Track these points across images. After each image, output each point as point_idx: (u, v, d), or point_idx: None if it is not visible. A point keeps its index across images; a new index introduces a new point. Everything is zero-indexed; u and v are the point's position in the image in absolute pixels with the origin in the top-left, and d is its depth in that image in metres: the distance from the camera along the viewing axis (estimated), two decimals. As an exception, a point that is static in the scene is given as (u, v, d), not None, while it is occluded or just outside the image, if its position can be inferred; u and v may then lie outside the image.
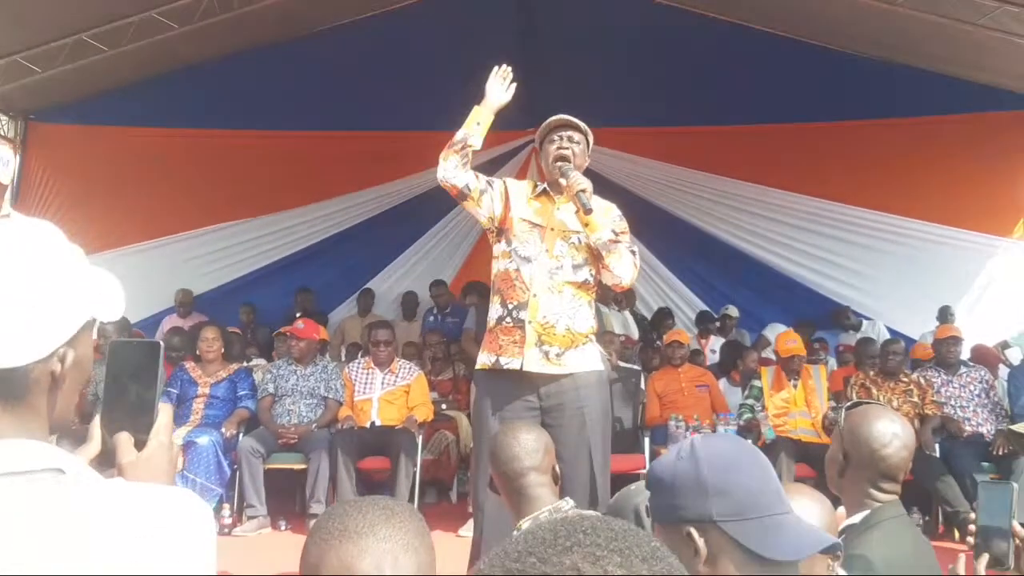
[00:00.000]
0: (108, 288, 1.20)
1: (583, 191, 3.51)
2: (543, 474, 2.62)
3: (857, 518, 2.30)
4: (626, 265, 3.57)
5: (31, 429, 1.08)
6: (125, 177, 9.17)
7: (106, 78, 8.54)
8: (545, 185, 3.75)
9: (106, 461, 1.24)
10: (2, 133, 9.25)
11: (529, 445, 2.63)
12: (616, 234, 3.59)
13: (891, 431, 2.32)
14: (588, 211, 3.51)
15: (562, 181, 3.62)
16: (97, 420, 1.27)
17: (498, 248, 3.72)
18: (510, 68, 3.76)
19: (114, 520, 0.99)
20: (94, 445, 1.26)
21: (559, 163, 3.65)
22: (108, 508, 1.01)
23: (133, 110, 9.00)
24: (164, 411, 1.29)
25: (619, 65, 8.71)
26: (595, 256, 3.63)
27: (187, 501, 1.08)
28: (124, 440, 1.24)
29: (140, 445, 1.24)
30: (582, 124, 3.75)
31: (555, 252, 3.61)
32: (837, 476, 2.39)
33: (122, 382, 1.29)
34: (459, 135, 3.67)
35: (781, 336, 6.80)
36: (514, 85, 3.74)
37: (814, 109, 8.86)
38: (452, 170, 3.64)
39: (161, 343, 1.34)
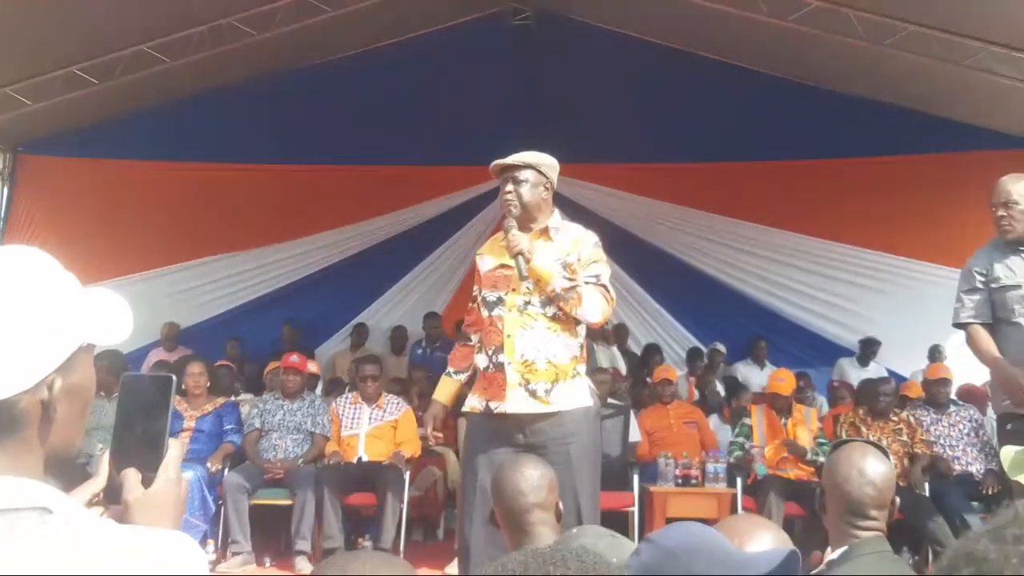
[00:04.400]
0: (110, 311, 1.16)
1: (520, 254, 3.47)
2: (546, 511, 2.60)
3: (836, 553, 2.28)
4: (590, 307, 3.49)
5: (20, 465, 1.03)
6: (113, 210, 9.16)
7: (96, 111, 8.55)
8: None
9: (113, 497, 1.21)
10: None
11: (534, 481, 2.60)
12: (569, 278, 3.50)
13: (857, 467, 2.32)
14: (523, 278, 3.49)
15: (503, 244, 3.62)
16: (106, 455, 1.24)
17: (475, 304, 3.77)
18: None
19: (99, 564, 0.95)
20: (100, 480, 1.23)
21: (505, 219, 3.62)
22: (94, 551, 0.97)
23: (122, 143, 9.00)
24: (174, 446, 1.25)
25: (617, 103, 8.77)
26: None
27: (181, 546, 1.05)
28: (131, 476, 1.20)
29: (148, 482, 1.20)
30: (525, 158, 3.64)
31: (523, 289, 3.56)
32: (821, 512, 2.45)
33: (132, 416, 1.25)
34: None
35: (773, 375, 6.82)
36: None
37: (807, 147, 8.93)
38: None
39: (173, 377, 1.30)
